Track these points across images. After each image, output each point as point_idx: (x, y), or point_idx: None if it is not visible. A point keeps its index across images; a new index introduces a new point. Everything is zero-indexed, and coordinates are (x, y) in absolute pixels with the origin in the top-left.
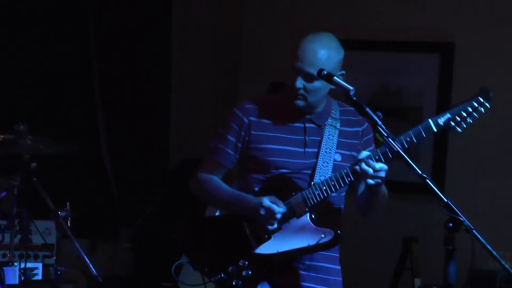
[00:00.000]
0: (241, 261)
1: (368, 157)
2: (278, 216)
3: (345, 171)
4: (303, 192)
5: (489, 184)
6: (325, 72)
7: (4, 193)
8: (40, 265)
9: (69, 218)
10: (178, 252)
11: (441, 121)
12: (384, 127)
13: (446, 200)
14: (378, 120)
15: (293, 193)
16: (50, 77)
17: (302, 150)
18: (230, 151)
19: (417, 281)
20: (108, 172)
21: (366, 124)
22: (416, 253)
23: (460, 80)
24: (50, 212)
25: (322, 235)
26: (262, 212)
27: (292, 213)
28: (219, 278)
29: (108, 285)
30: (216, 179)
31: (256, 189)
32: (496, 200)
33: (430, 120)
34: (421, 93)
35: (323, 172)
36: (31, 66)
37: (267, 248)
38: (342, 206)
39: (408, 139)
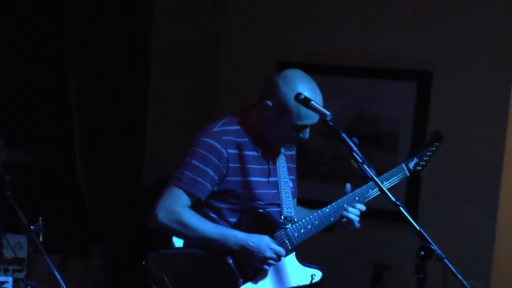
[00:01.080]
0: None
1: (352, 200)
2: (281, 259)
3: (327, 210)
4: (287, 230)
5: (463, 214)
6: (303, 97)
7: None
8: (10, 279)
9: (41, 233)
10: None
11: (411, 165)
12: (359, 153)
13: (418, 228)
14: (353, 146)
15: (277, 230)
16: (26, 89)
17: (266, 180)
18: (208, 185)
19: None
20: (82, 188)
21: (295, 147)
22: (387, 280)
23: (436, 109)
24: (22, 227)
25: (314, 275)
26: (269, 254)
27: None
28: None
29: None
30: (195, 213)
31: (232, 220)
32: (469, 229)
33: (403, 165)
34: (397, 121)
35: (288, 203)
36: (8, 78)
37: (255, 286)
38: None
39: (385, 182)
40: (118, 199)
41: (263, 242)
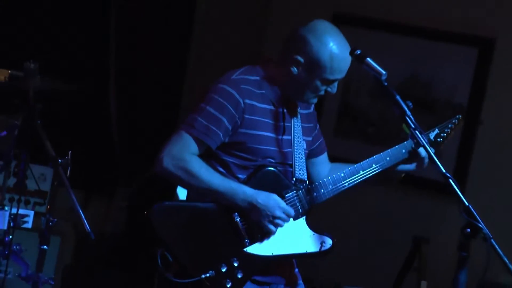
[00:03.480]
0: (233, 259)
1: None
2: (291, 219)
3: (342, 175)
4: (299, 192)
5: None
6: (359, 52)
7: (4, 132)
8: (31, 213)
9: (68, 168)
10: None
11: (432, 136)
12: (412, 119)
13: (467, 204)
14: (407, 110)
15: (288, 191)
16: (67, 18)
17: (280, 137)
18: (221, 134)
19: (423, 284)
20: (113, 125)
21: (313, 104)
22: (425, 254)
23: (496, 78)
24: (49, 158)
25: (323, 243)
26: (278, 213)
27: None
28: (211, 276)
29: (97, 242)
30: (203, 162)
31: (240, 176)
32: None
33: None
34: (453, 88)
35: (301, 164)
36: (50, 5)
37: (261, 248)
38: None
39: (404, 150)
40: (150, 140)
41: (272, 200)
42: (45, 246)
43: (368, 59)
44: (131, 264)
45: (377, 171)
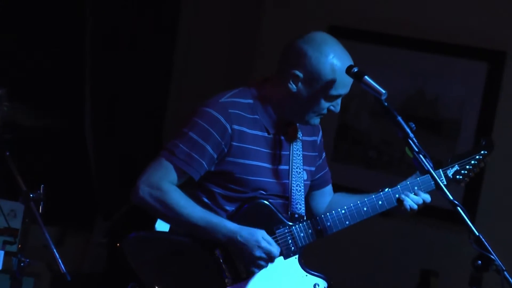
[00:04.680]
0: None
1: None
2: (274, 261)
3: (342, 211)
4: (292, 229)
5: None
6: (356, 70)
7: None
8: (1, 253)
9: (41, 203)
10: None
11: (450, 172)
12: (416, 141)
13: (477, 234)
14: (410, 133)
15: (280, 227)
16: (39, 43)
17: (274, 167)
18: (205, 164)
19: None
20: (91, 156)
21: (320, 131)
22: None
23: (508, 94)
24: (20, 194)
25: (317, 285)
26: (258, 253)
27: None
28: None
29: (74, 283)
30: (182, 193)
31: (229, 208)
32: None
33: (441, 171)
34: (461, 105)
35: (299, 197)
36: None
37: None
38: None
39: (417, 187)
40: (130, 169)
41: (253, 238)
42: None
43: (366, 77)
44: None
45: (382, 210)
